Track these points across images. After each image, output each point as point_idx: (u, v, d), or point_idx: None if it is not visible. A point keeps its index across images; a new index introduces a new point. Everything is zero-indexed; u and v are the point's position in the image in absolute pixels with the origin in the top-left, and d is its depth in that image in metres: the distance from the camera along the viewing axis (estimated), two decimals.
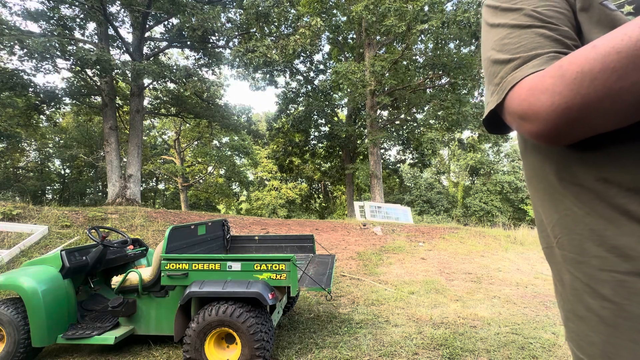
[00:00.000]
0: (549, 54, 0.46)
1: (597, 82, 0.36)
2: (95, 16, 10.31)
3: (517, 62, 0.47)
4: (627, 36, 0.35)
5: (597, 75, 0.36)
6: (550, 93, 0.40)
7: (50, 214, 6.93)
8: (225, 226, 3.81)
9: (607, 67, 0.35)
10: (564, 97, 0.38)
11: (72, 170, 22.25)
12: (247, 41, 10.81)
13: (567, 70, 0.39)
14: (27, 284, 2.44)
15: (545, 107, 0.40)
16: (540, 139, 0.44)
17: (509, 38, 0.50)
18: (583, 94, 0.37)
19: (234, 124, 15.69)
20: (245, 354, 2.26)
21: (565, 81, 0.39)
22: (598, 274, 0.44)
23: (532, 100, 0.41)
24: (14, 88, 9.84)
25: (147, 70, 9.65)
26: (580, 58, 0.38)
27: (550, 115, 0.40)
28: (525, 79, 0.44)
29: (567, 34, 0.48)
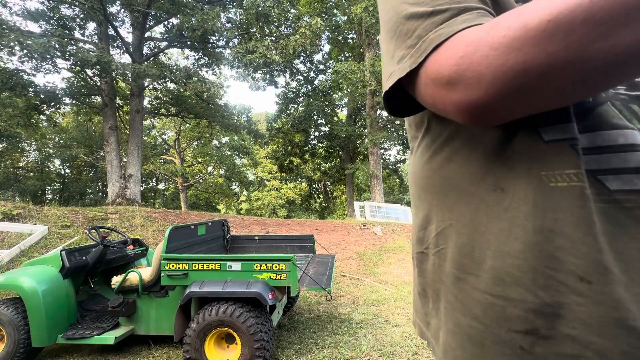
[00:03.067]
0: (479, 10, 0.36)
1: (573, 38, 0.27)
2: (95, 16, 10.30)
3: (443, 15, 0.36)
4: None
5: (576, 28, 0.27)
6: (503, 49, 0.30)
7: (50, 214, 6.93)
8: (225, 226, 3.81)
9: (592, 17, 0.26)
10: (524, 54, 0.29)
11: (72, 170, 22.25)
12: (247, 41, 10.81)
13: (532, 19, 0.29)
14: (27, 284, 2.44)
15: (493, 67, 0.30)
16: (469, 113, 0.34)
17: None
18: (550, 51, 0.28)
19: (234, 124, 15.70)
20: (245, 354, 2.26)
21: (529, 33, 0.29)
22: (472, 293, 0.42)
23: (475, 59, 0.31)
24: (14, 88, 9.84)
25: (147, 72, 9.65)
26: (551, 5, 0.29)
27: (498, 78, 0.30)
28: (459, 35, 0.34)
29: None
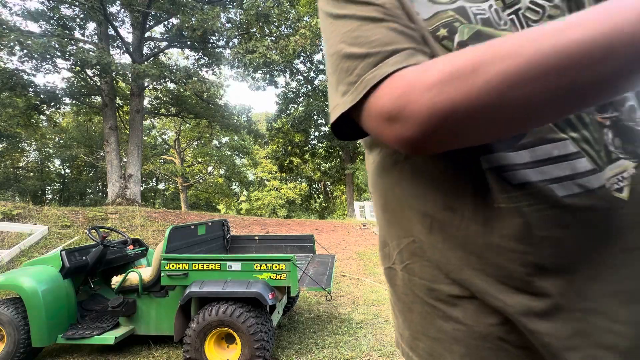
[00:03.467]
0: (407, 50, 0.41)
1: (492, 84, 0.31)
2: (95, 16, 10.30)
3: (376, 57, 0.41)
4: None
5: (492, 78, 0.31)
6: (436, 89, 0.33)
7: (50, 214, 6.93)
8: (225, 226, 3.81)
9: (504, 70, 0.30)
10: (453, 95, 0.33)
11: (72, 170, 22.25)
12: (247, 41, 10.81)
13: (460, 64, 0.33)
14: (27, 284, 2.44)
15: (426, 106, 0.34)
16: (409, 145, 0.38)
17: (361, 31, 0.43)
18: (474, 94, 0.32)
19: (234, 124, 15.70)
20: (245, 354, 2.26)
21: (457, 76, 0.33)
22: (449, 300, 0.46)
23: (412, 98, 0.35)
24: (14, 88, 9.85)
25: (147, 72, 9.66)
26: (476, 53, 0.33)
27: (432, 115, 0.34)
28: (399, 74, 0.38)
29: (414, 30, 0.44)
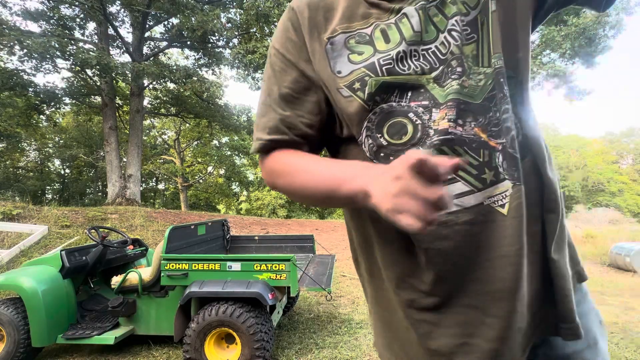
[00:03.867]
0: (280, 138, 0.62)
1: (291, 182, 0.60)
2: (95, 16, 10.30)
3: (258, 142, 0.64)
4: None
5: (294, 180, 0.60)
6: (266, 176, 0.66)
7: (50, 214, 6.93)
8: (225, 226, 3.80)
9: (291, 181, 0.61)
10: (281, 182, 0.62)
11: (72, 170, 22.24)
12: (247, 41, 10.80)
13: (276, 168, 0.63)
14: (27, 284, 2.44)
15: (278, 184, 0.63)
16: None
17: (262, 112, 0.64)
18: (288, 185, 0.61)
19: (233, 124, 15.69)
20: (245, 354, 2.26)
21: (272, 173, 0.64)
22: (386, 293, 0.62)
23: (270, 178, 0.65)
24: (14, 88, 9.84)
25: (147, 71, 9.65)
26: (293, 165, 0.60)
27: (277, 187, 0.64)
28: (271, 155, 0.64)
29: (292, 116, 0.61)
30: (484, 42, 0.54)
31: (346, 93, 0.56)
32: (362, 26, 0.58)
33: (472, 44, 0.53)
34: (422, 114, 0.53)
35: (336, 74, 0.57)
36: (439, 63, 0.53)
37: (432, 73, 0.53)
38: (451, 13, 0.54)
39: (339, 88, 0.57)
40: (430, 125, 0.53)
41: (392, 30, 0.55)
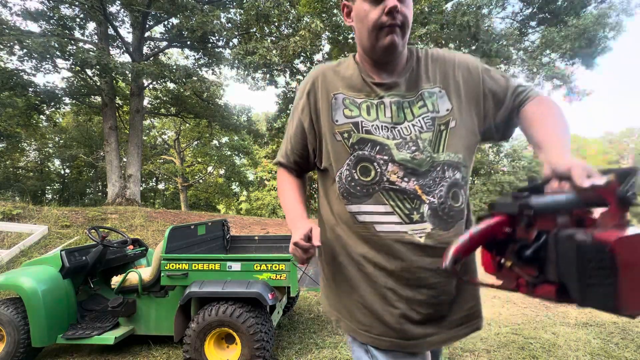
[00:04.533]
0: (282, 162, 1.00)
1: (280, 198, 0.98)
2: (95, 16, 10.30)
3: (279, 157, 1.01)
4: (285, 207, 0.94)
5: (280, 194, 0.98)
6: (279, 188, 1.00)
7: (50, 214, 6.93)
8: (225, 226, 3.80)
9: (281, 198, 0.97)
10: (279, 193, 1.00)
11: (72, 170, 22.22)
12: (247, 42, 10.80)
13: (278, 185, 0.99)
14: (27, 284, 2.44)
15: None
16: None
17: (286, 139, 0.99)
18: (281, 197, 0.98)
19: (233, 124, 15.68)
20: (245, 354, 2.26)
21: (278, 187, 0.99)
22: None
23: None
24: (14, 88, 9.83)
25: (147, 71, 9.65)
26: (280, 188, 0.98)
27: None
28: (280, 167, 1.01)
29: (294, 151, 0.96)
30: (440, 137, 0.81)
31: (339, 138, 0.84)
32: (356, 96, 0.85)
33: (429, 132, 0.81)
34: (382, 165, 0.80)
35: (334, 122, 0.85)
36: (401, 137, 0.80)
37: (394, 140, 0.80)
38: (418, 113, 0.82)
39: (334, 133, 0.84)
40: (385, 174, 0.79)
41: (373, 109, 0.83)
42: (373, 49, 0.82)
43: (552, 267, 0.54)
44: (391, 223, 0.78)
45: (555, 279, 0.54)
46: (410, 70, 0.85)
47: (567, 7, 10.72)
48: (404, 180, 0.78)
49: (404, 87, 0.84)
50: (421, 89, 0.84)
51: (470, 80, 0.85)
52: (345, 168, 0.83)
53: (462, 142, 0.82)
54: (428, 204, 0.78)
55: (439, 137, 0.81)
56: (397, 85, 0.83)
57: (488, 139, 0.88)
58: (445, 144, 0.81)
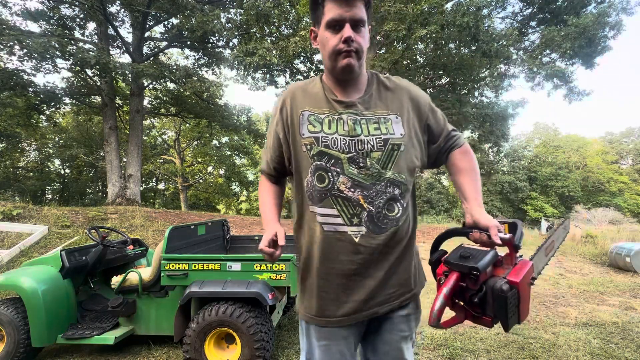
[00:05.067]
0: (265, 171, 1.17)
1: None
2: (95, 16, 10.30)
3: (262, 165, 1.18)
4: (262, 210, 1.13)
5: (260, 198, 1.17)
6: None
7: (50, 214, 6.93)
8: (225, 226, 3.80)
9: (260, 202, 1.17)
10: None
11: (72, 170, 22.21)
12: (247, 42, 10.80)
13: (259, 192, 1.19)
14: (27, 284, 2.44)
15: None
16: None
17: (265, 150, 1.15)
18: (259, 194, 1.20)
19: (233, 124, 15.68)
20: (245, 354, 2.26)
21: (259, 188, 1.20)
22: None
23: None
24: (14, 88, 9.83)
25: (146, 72, 9.64)
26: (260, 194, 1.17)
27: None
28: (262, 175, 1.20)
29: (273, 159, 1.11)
30: (391, 157, 0.97)
31: (304, 149, 0.98)
32: (319, 112, 1.00)
33: (379, 152, 0.96)
34: (334, 175, 0.95)
35: (301, 135, 0.99)
36: (355, 151, 0.95)
37: (347, 154, 0.96)
38: (372, 132, 0.97)
39: (301, 145, 0.99)
40: (336, 183, 0.95)
41: (334, 123, 0.98)
42: (334, 69, 0.98)
43: (489, 308, 0.84)
44: (336, 224, 0.95)
45: (492, 315, 0.85)
46: (369, 94, 1.02)
47: (567, 7, 10.72)
48: (351, 190, 0.95)
49: (361, 107, 1.00)
50: (378, 114, 1.00)
51: (419, 114, 1.04)
52: (309, 175, 0.98)
53: (407, 165, 0.99)
54: (367, 212, 0.95)
55: (390, 157, 0.96)
56: (354, 105, 1.00)
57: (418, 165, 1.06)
58: (393, 163, 0.97)
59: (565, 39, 9.75)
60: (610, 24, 9.85)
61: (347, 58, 0.94)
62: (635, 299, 4.35)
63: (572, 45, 9.84)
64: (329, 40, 0.95)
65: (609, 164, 35.30)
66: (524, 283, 0.84)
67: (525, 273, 0.84)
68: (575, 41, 9.77)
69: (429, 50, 12.81)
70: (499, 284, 0.81)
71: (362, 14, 0.94)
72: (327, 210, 0.96)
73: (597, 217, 20.12)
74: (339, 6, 0.92)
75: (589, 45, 10.09)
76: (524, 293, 0.84)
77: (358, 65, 0.97)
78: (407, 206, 1.01)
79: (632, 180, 33.61)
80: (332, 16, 0.93)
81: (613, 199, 30.79)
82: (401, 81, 1.08)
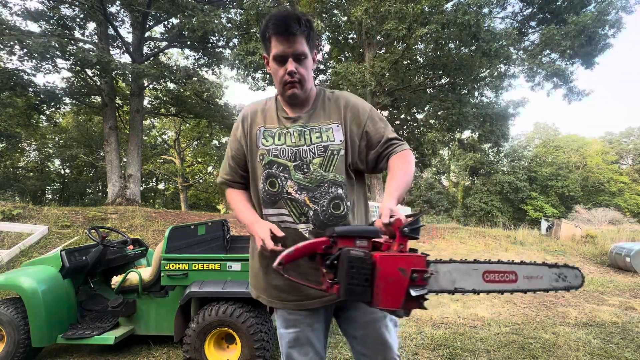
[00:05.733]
0: (227, 180, 1.26)
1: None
2: (95, 16, 10.30)
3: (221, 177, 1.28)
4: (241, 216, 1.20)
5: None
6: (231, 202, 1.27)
7: (50, 214, 6.93)
8: (225, 226, 3.80)
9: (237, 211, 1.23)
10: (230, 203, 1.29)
11: (72, 170, 22.22)
12: (247, 42, 10.80)
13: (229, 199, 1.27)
14: (27, 284, 2.44)
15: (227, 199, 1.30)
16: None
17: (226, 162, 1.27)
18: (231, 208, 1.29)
19: (233, 123, 15.65)
20: (245, 354, 2.25)
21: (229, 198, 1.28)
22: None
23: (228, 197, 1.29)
24: (14, 88, 9.84)
25: (147, 72, 9.64)
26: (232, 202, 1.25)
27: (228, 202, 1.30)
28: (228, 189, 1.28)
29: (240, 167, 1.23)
30: (331, 161, 1.11)
31: (258, 159, 1.14)
32: (272, 127, 1.17)
33: (320, 157, 1.11)
34: (283, 180, 1.11)
35: (258, 147, 1.15)
36: (300, 160, 1.11)
37: (293, 162, 1.11)
38: (314, 141, 1.12)
39: (256, 156, 1.16)
40: (285, 187, 1.10)
41: (282, 136, 1.14)
42: (282, 95, 1.15)
43: (338, 272, 0.84)
44: (288, 222, 1.11)
45: (339, 281, 0.83)
46: (313, 108, 1.17)
47: (567, 7, 10.71)
48: (297, 193, 1.10)
49: (304, 120, 1.15)
50: (321, 124, 1.14)
51: (357, 121, 1.15)
52: (261, 181, 1.14)
53: (345, 167, 1.13)
54: (313, 211, 1.09)
55: (330, 161, 1.11)
56: (300, 119, 1.15)
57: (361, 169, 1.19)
58: (334, 166, 1.11)
59: (565, 37, 9.75)
60: (609, 22, 9.84)
61: (292, 89, 1.10)
62: (635, 299, 4.35)
63: (572, 44, 9.83)
64: (277, 71, 1.10)
65: (609, 164, 35.28)
66: (388, 263, 0.80)
67: (397, 256, 0.81)
68: (575, 39, 9.77)
69: (429, 50, 12.81)
70: (351, 250, 0.83)
71: (302, 48, 1.07)
72: (280, 210, 1.12)
73: (597, 217, 20.12)
74: (281, 43, 1.05)
75: (588, 43, 10.08)
76: (384, 272, 0.80)
77: (302, 91, 1.12)
78: (355, 205, 1.16)
79: (632, 180, 33.60)
80: (277, 52, 1.06)
81: (613, 199, 30.77)
82: (342, 93, 1.21)
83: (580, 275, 1.01)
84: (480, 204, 26.23)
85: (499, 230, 11.00)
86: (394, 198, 0.99)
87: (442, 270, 0.94)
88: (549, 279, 1.00)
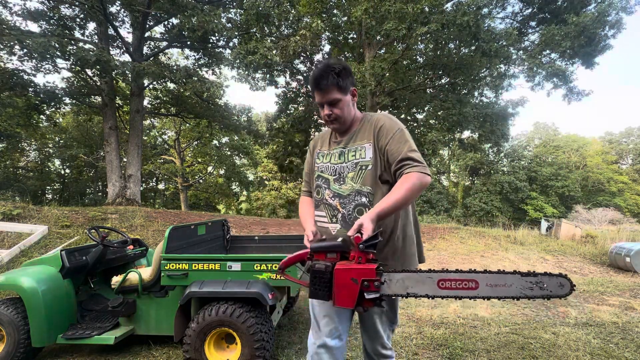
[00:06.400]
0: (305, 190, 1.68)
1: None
2: (95, 16, 10.29)
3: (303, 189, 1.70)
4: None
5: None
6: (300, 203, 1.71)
7: (50, 214, 6.93)
8: (225, 226, 3.79)
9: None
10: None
11: (72, 170, 22.21)
12: (247, 41, 10.80)
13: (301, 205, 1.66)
14: (27, 283, 2.44)
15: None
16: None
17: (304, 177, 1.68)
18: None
19: (234, 124, 15.68)
20: (245, 354, 2.26)
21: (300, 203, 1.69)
22: None
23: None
24: (14, 88, 9.83)
25: (147, 71, 9.64)
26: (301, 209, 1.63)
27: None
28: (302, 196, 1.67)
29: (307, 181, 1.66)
30: (359, 175, 1.39)
31: (316, 174, 1.54)
32: (323, 149, 1.55)
33: (353, 172, 1.40)
34: (324, 189, 1.48)
35: (315, 164, 1.56)
36: (337, 174, 1.45)
37: (333, 176, 1.46)
38: (350, 159, 1.42)
39: (315, 171, 1.56)
40: (325, 195, 1.47)
41: (329, 156, 1.50)
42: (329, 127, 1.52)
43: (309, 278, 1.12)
44: (324, 222, 1.47)
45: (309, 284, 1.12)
46: (354, 132, 1.45)
47: (567, 7, 10.71)
48: (332, 199, 1.44)
49: (345, 142, 1.46)
50: (356, 144, 1.43)
51: (383, 140, 1.37)
52: (314, 190, 1.55)
53: (372, 179, 1.37)
54: (341, 214, 1.41)
55: (359, 174, 1.38)
56: (342, 142, 1.47)
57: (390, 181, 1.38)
58: (362, 179, 1.38)
59: (565, 37, 9.74)
60: (610, 23, 9.84)
61: (331, 125, 1.46)
62: (635, 299, 4.35)
63: (572, 44, 9.83)
64: (321, 112, 1.43)
65: (609, 164, 35.27)
66: (342, 274, 1.05)
67: (353, 268, 1.05)
68: (575, 40, 9.76)
69: (429, 50, 12.80)
70: (317, 264, 1.10)
71: (334, 95, 1.36)
72: (321, 212, 1.49)
73: (597, 217, 20.11)
74: (317, 95, 1.39)
75: (588, 44, 10.08)
76: (339, 279, 1.06)
77: (340, 125, 1.44)
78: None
79: (632, 180, 33.59)
80: (317, 101, 1.41)
81: (613, 199, 30.77)
82: (380, 115, 1.45)
83: (567, 284, 0.97)
84: (480, 204, 26.23)
85: (499, 230, 11.00)
86: (373, 214, 1.17)
87: (395, 278, 1.08)
88: (520, 287, 1.00)
